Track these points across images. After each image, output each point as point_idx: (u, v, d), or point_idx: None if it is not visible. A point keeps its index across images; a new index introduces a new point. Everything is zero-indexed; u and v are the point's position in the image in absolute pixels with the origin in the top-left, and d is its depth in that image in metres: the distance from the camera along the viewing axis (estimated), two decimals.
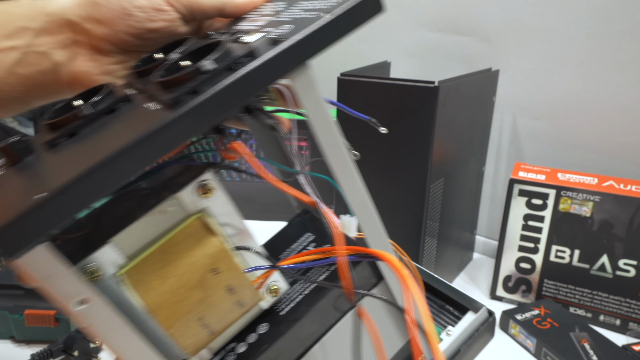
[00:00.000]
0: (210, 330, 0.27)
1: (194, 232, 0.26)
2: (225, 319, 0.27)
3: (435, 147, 0.58)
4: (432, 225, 0.64)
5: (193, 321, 0.26)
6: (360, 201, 0.29)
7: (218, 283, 0.26)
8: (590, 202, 0.62)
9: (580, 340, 0.59)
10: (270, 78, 0.24)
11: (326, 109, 0.28)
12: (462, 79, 0.60)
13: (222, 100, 0.23)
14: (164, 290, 0.25)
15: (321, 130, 0.28)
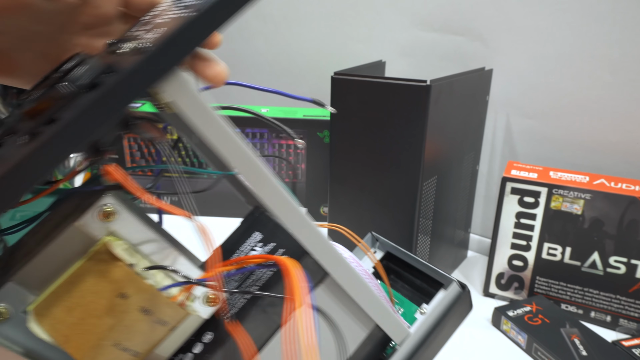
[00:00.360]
0: (133, 352, 0.27)
1: (98, 259, 0.25)
2: (149, 339, 0.27)
3: (428, 145, 0.59)
4: (425, 223, 0.65)
5: (108, 347, 0.26)
6: (273, 195, 0.28)
7: (129, 307, 0.26)
8: (581, 200, 0.63)
9: (570, 336, 0.59)
10: (130, 95, 0.21)
11: (212, 114, 0.25)
12: (454, 78, 0.61)
13: (79, 127, 0.20)
14: (71, 322, 0.25)
15: (214, 137, 0.25)
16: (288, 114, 0.88)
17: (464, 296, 0.38)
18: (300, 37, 0.99)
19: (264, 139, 0.89)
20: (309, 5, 0.95)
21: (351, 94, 0.61)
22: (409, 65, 0.85)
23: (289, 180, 0.91)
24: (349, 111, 0.62)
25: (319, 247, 0.30)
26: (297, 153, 0.89)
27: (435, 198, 0.65)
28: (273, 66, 1.06)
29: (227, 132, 0.26)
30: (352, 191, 0.66)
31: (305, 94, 1.12)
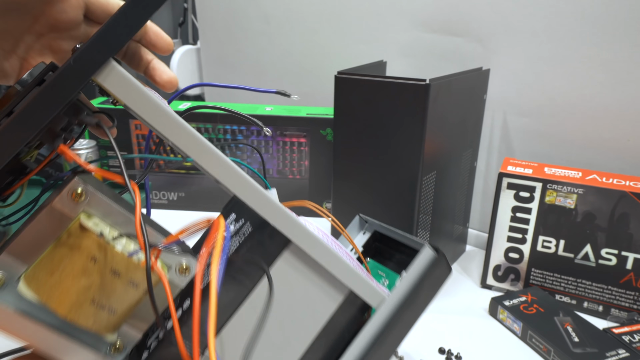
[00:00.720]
0: (110, 309, 0.31)
1: (72, 232, 0.30)
2: (123, 299, 0.32)
3: (427, 141, 0.61)
4: (425, 219, 0.67)
5: (87, 304, 0.31)
6: (221, 169, 0.31)
7: (100, 269, 0.30)
8: (574, 195, 0.66)
9: (563, 324, 0.62)
10: (70, 86, 0.26)
11: (150, 98, 0.29)
12: (453, 77, 0.64)
13: (29, 115, 0.25)
14: (52, 283, 0.30)
15: (154, 120, 0.29)
16: (292, 112, 0.91)
17: (439, 259, 0.40)
18: (303, 38, 1.02)
19: (268, 137, 0.91)
20: (312, 6, 0.98)
21: (354, 93, 0.64)
22: (409, 65, 0.88)
23: (292, 177, 0.93)
24: (352, 109, 0.65)
25: (276, 215, 0.33)
26: (300, 150, 0.92)
27: (435, 193, 0.68)
28: (277, 66, 1.09)
29: (165, 112, 0.29)
30: (355, 186, 0.68)
31: (308, 93, 1.16)
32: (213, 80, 1.23)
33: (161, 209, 0.95)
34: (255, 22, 1.09)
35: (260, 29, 1.08)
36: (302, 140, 0.91)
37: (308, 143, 0.91)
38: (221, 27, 1.15)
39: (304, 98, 1.06)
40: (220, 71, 1.20)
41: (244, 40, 1.12)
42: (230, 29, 1.14)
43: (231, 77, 1.18)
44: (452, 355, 0.60)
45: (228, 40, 1.15)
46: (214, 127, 0.91)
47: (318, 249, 0.35)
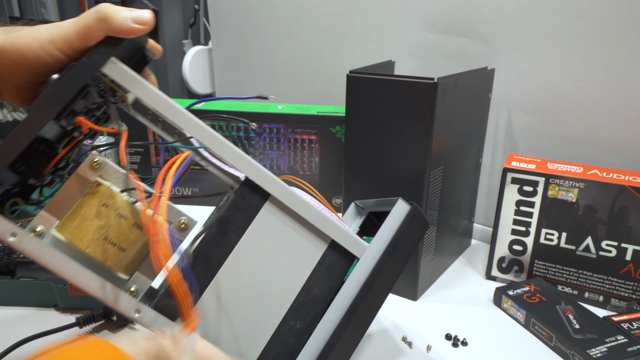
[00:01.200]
0: (119, 247, 0.39)
1: (91, 189, 0.39)
2: (130, 238, 0.39)
3: (435, 137, 0.64)
4: (432, 214, 0.70)
5: (101, 240, 0.39)
6: (207, 137, 0.39)
7: (110, 212, 0.39)
8: (575, 189, 0.68)
9: (565, 312, 0.65)
10: (81, 79, 0.36)
11: (147, 84, 0.38)
12: (459, 76, 0.67)
13: (54, 97, 0.35)
14: (75, 225, 0.38)
15: (156, 103, 0.39)
16: (303, 111, 0.94)
17: (412, 211, 0.44)
18: (313, 39, 1.05)
19: (280, 134, 0.94)
20: (322, 8, 1.01)
21: (365, 91, 0.67)
22: (416, 65, 0.91)
23: (303, 173, 0.96)
24: (363, 106, 0.68)
25: (255, 173, 0.40)
26: (311, 147, 0.95)
27: (442, 188, 0.71)
28: (287, 66, 1.12)
29: (155, 93, 0.39)
30: (365, 181, 0.72)
31: (318, 93, 1.19)
32: (225, 80, 1.26)
33: (176, 204, 0.99)
34: (266, 23, 1.12)
35: (271, 30, 1.12)
36: (312, 138, 0.94)
37: (318, 140, 0.94)
38: (233, 27, 1.18)
39: (314, 97, 1.09)
40: (232, 71, 1.23)
41: (255, 41, 1.15)
42: (242, 29, 1.17)
43: (242, 77, 1.21)
44: (458, 341, 0.62)
45: (239, 40, 1.18)
46: (228, 125, 0.94)
47: (296, 201, 0.41)
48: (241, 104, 0.98)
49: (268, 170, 0.41)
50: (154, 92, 0.39)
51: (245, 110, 0.94)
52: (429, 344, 0.62)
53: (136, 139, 0.96)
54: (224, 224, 0.41)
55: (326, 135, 0.94)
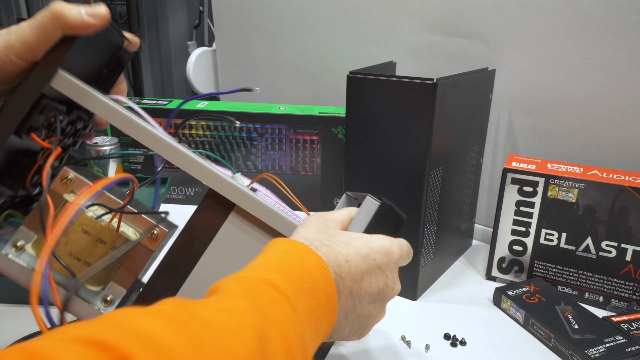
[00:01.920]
0: (84, 262, 0.41)
1: (60, 207, 0.40)
2: (94, 253, 0.41)
3: (435, 137, 0.65)
4: (432, 214, 0.71)
5: (66, 256, 0.40)
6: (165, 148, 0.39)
7: (74, 229, 0.40)
8: (575, 189, 0.69)
9: (564, 312, 0.65)
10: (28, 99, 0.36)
11: (99, 97, 0.38)
12: (459, 77, 0.67)
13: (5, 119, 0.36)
14: (43, 242, 0.37)
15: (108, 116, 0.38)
16: (304, 111, 0.95)
17: (383, 208, 0.43)
18: (316, 40, 1.06)
19: (282, 135, 0.95)
20: (325, 9, 1.02)
21: (365, 91, 0.67)
22: (418, 66, 0.91)
23: (305, 173, 0.97)
24: (363, 106, 0.68)
25: (219, 184, 0.40)
26: (312, 148, 0.95)
27: (441, 189, 0.71)
28: (290, 67, 1.13)
29: (108, 106, 0.38)
30: (365, 181, 0.72)
31: (320, 93, 1.19)
32: (228, 81, 1.27)
33: (179, 204, 1.00)
34: (269, 24, 1.13)
35: (274, 31, 1.12)
36: (314, 138, 0.95)
37: (320, 141, 0.95)
38: (236, 29, 1.19)
39: (317, 98, 1.10)
40: (236, 72, 1.24)
41: (259, 42, 1.16)
42: (246, 30, 1.18)
43: (246, 78, 1.22)
44: (457, 340, 0.63)
45: (243, 41, 1.19)
46: (230, 126, 0.95)
47: (261, 209, 0.40)
48: (245, 105, 0.99)
49: (271, 173, 0.42)
50: (106, 105, 0.37)
51: (248, 111, 0.94)
52: (427, 343, 0.62)
53: None
54: (189, 233, 0.41)
55: (328, 136, 0.94)
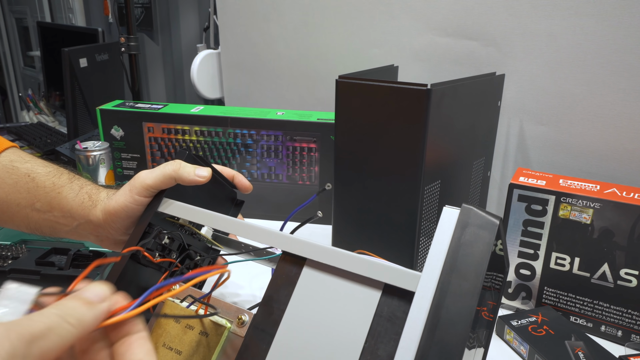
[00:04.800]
0: (175, 350, 0.40)
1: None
2: (183, 340, 0.40)
3: (429, 149, 0.58)
4: (428, 226, 0.64)
5: (160, 347, 0.40)
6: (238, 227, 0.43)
7: (167, 320, 0.41)
8: (590, 209, 0.61)
9: (574, 349, 0.58)
10: (144, 220, 0.46)
11: (197, 210, 0.46)
12: (459, 82, 0.61)
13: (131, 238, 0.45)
14: None
15: (201, 220, 0.45)
16: (302, 117, 0.90)
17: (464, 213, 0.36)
18: (318, 42, 1.01)
19: (278, 141, 0.90)
20: (327, 11, 0.97)
21: (355, 97, 0.62)
22: (422, 70, 0.85)
23: (302, 182, 0.92)
24: (353, 114, 0.63)
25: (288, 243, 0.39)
26: (310, 156, 0.90)
27: (439, 204, 0.65)
28: (292, 70, 1.08)
29: (203, 212, 0.45)
30: (356, 193, 0.66)
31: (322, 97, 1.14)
32: (232, 83, 1.24)
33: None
34: (273, 27, 1.08)
35: (277, 33, 1.08)
36: (312, 146, 0.90)
37: (318, 149, 0.89)
38: (240, 31, 1.15)
39: (318, 103, 1.05)
40: (239, 75, 1.20)
41: (262, 45, 1.12)
42: (249, 33, 1.14)
43: (249, 81, 1.18)
44: None
45: (246, 44, 1.15)
46: (225, 131, 0.91)
47: (334, 255, 0.37)
48: (241, 110, 0.94)
49: None
50: (197, 212, 0.45)
51: (244, 117, 0.90)
52: None
53: (134, 144, 0.94)
54: (267, 303, 0.39)
55: (326, 144, 0.89)
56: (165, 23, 1.74)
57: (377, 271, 0.36)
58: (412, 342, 0.32)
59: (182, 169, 0.46)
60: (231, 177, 0.56)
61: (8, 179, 0.50)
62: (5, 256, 0.68)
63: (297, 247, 0.39)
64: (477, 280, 0.33)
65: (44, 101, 1.96)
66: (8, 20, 2.98)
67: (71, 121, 1.28)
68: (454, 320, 0.32)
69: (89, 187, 0.51)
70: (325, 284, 0.37)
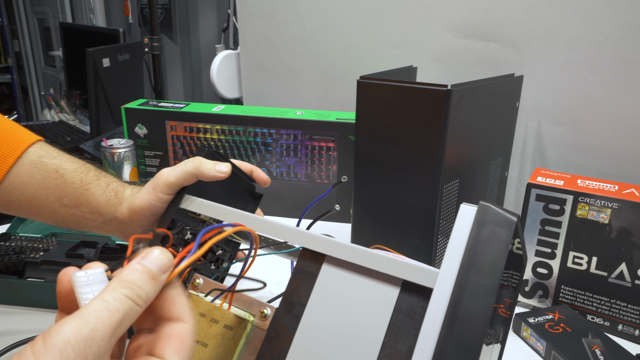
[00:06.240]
0: (202, 343, 0.40)
1: None
2: (208, 332, 0.41)
3: (449, 148, 0.60)
4: (446, 226, 0.66)
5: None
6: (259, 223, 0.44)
7: (193, 312, 0.40)
8: (608, 209, 0.62)
9: (591, 346, 0.58)
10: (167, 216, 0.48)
11: (214, 206, 0.47)
12: (478, 83, 0.62)
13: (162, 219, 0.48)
14: None
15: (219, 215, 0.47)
16: (321, 117, 0.91)
17: (481, 210, 0.36)
18: (337, 43, 1.02)
19: (297, 140, 0.92)
20: (347, 12, 0.98)
21: (376, 97, 0.63)
22: (441, 71, 0.86)
23: (320, 181, 0.94)
24: (374, 114, 0.64)
25: (307, 240, 0.41)
26: (328, 155, 0.92)
27: (458, 202, 0.66)
28: (311, 70, 1.10)
29: (223, 209, 0.46)
30: (375, 192, 0.68)
31: (339, 98, 1.16)
32: (251, 84, 1.26)
33: None
34: (292, 27, 1.10)
35: (296, 34, 1.10)
36: (330, 145, 0.91)
37: (337, 148, 0.91)
38: (260, 32, 1.17)
39: (337, 102, 1.06)
40: (258, 75, 1.22)
41: (281, 45, 1.14)
42: (269, 34, 1.16)
43: (267, 81, 1.20)
44: None
45: (266, 44, 1.17)
46: (245, 130, 0.93)
47: (353, 251, 0.38)
48: (261, 109, 0.96)
49: None
50: (218, 208, 0.46)
51: (264, 116, 0.92)
52: None
53: (157, 142, 0.97)
54: (288, 298, 0.40)
55: (345, 143, 0.90)
56: (184, 24, 1.77)
57: (395, 268, 0.36)
58: (431, 337, 0.33)
59: (203, 166, 0.47)
60: (249, 171, 0.57)
61: (37, 174, 0.51)
62: (37, 248, 0.71)
63: (316, 244, 0.40)
64: (495, 277, 0.33)
65: (65, 100, 2.01)
66: (30, 21, 3.05)
67: (94, 119, 1.32)
68: (472, 317, 0.32)
69: (115, 184, 0.52)
70: (345, 279, 0.38)
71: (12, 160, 0.51)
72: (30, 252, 0.70)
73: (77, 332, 0.24)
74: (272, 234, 0.43)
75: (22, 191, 0.51)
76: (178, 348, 0.28)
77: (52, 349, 0.23)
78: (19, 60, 3.27)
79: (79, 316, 0.24)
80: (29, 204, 0.51)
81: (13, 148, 0.51)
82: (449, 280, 0.34)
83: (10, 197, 0.51)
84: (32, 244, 0.72)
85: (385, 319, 0.36)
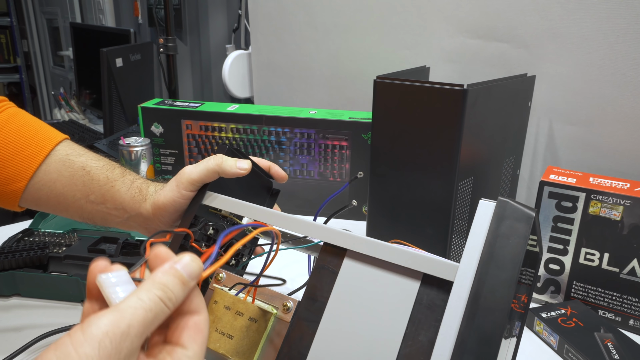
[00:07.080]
0: (227, 335, 0.43)
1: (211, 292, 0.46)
2: (234, 325, 0.44)
3: (464, 147, 0.61)
4: (461, 225, 0.67)
5: (213, 332, 0.44)
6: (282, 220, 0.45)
7: (218, 305, 0.44)
8: (620, 206, 0.63)
9: (604, 340, 0.60)
10: (190, 212, 0.49)
11: (234, 202, 0.48)
12: (493, 83, 0.63)
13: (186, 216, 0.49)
14: None
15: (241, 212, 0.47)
16: (335, 116, 0.93)
17: (501, 206, 0.37)
18: (349, 43, 1.04)
19: (311, 139, 0.94)
20: (358, 13, 1.00)
21: (392, 97, 0.65)
22: (453, 71, 0.88)
23: (333, 179, 0.95)
24: (390, 113, 0.66)
25: (329, 235, 0.41)
26: (341, 153, 0.93)
27: (472, 199, 0.67)
28: (323, 70, 1.11)
29: (244, 205, 0.47)
30: (391, 189, 0.69)
31: (352, 98, 1.18)
32: (263, 84, 1.27)
33: None
34: (304, 28, 1.12)
35: (308, 34, 1.11)
36: (343, 144, 0.93)
37: (349, 146, 0.93)
38: (272, 32, 1.19)
39: (349, 102, 1.08)
40: (270, 76, 1.24)
41: (293, 46, 1.15)
42: (280, 34, 1.17)
43: (278, 81, 1.22)
44: None
45: (277, 45, 1.19)
46: (259, 129, 0.94)
47: (374, 246, 0.39)
48: (275, 109, 0.98)
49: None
50: (239, 204, 0.47)
51: (278, 115, 0.94)
52: None
53: (172, 141, 0.98)
54: (311, 291, 0.41)
55: (357, 142, 0.92)
56: (194, 24, 1.79)
57: (416, 262, 0.37)
58: (452, 329, 0.34)
59: (224, 163, 0.48)
60: (267, 168, 0.57)
61: (65, 172, 0.52)
62: (60, 243, 0.73)
63: (338, 239, 0.41)
64: (514, 270, 0.34)
65: (75, 99, 2.03)
66: (39, 21, 3.08)
67: (107, 118, 1.33)
68: (492, 309, 0.34)
69: (140, 182, 0.53)
70: (366, 273, 0.39)
71: (41, 158, 0.52)
72: (53, 247, 0.71)
73: (114, 325, 0.25)
74: (293, 229, 0.44)
75: (51, 188, 0.52)
76: (196, 336, 0.29)
77: (92, 340, 0.24)
78: (27, 60, 3.30)
79: (116, 310, 0.25)
80: (57, 201, 0.53)
81: (42, 146, 0.53)
82: (469, 274, 0.35)
83: (39, 194, 0.53)
84: (55, 239, 0.74)
85: (406, 312, 0.37)
